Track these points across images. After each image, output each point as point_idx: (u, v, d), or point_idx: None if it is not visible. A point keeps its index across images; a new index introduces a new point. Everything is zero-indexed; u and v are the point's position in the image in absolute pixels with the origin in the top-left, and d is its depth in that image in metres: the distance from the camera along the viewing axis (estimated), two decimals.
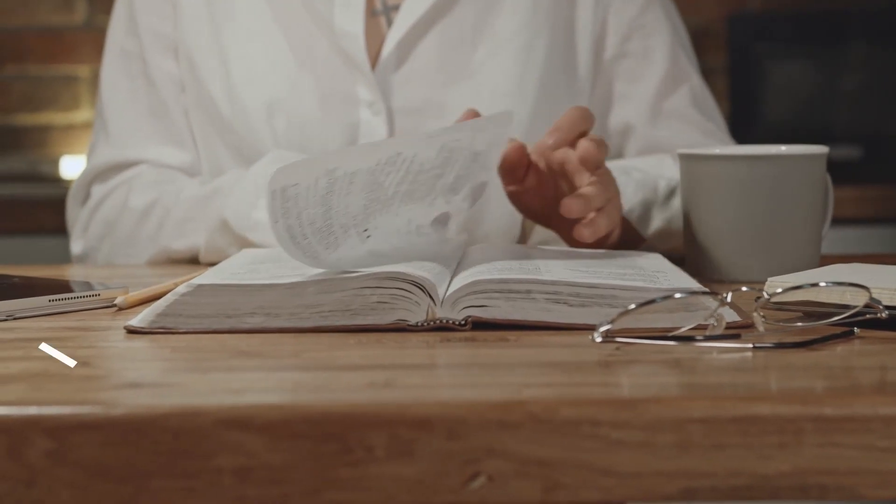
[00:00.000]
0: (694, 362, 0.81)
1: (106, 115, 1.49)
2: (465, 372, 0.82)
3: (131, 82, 1.48)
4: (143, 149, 1.47)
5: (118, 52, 1.49)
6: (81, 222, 1.48)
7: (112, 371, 0.79)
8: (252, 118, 1.42)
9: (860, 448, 0.70)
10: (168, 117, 1.47)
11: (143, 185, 1.43)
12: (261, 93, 1.42)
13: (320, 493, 0.70)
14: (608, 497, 0.71)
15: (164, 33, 1.47)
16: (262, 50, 1.43)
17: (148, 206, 1.41)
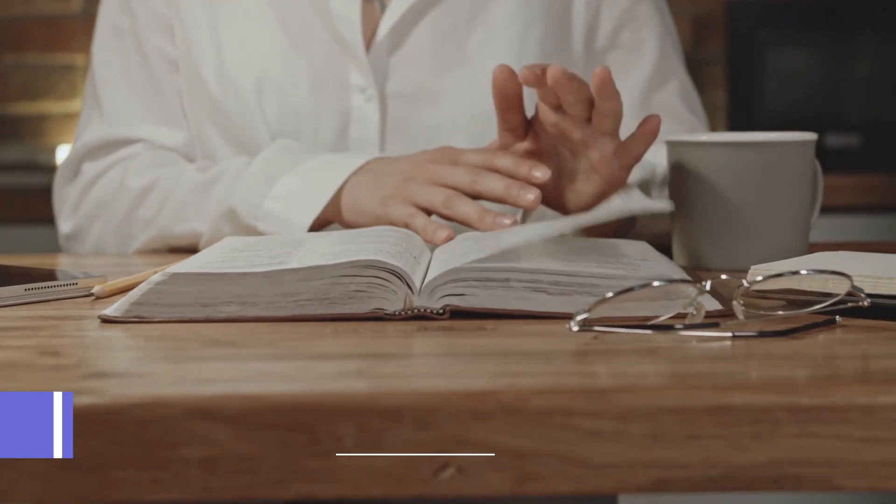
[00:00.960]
0: (671, 351, 0.80)
1: (99, 91, 1.46)
2: (439, 361, 0.81)
3: (125, 59, 1.45)
4: (137, 127, 1.44)
5: (111, 29, 1.47)
6: (72, 201, 1.45)
7: (82, 361, 0.78)
8: (243, 100, 1.41)
9: (837, 438, 0.69)
10: (162, 96, 1.45)
11: (141, 166, 1.41)
12: (253, 74, 1.41)
13: (288, 483, 0.69)
14: (581, 488, 0.70)
15: (158, 11, 1.45)
16: (256, 31, 1.42)
17: (146, 188, 1.39)
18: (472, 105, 1.42)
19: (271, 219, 1.27)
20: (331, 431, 0.69)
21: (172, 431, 0.68)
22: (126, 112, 1.44)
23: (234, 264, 0.94)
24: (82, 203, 1.44)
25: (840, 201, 2.45)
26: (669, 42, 1.50)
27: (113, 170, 1.43)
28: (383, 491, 0.69)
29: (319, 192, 1.24)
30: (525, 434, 0.69)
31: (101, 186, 1.43)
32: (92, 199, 1.43)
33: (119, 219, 1.40)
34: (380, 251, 0.95)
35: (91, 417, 0.69)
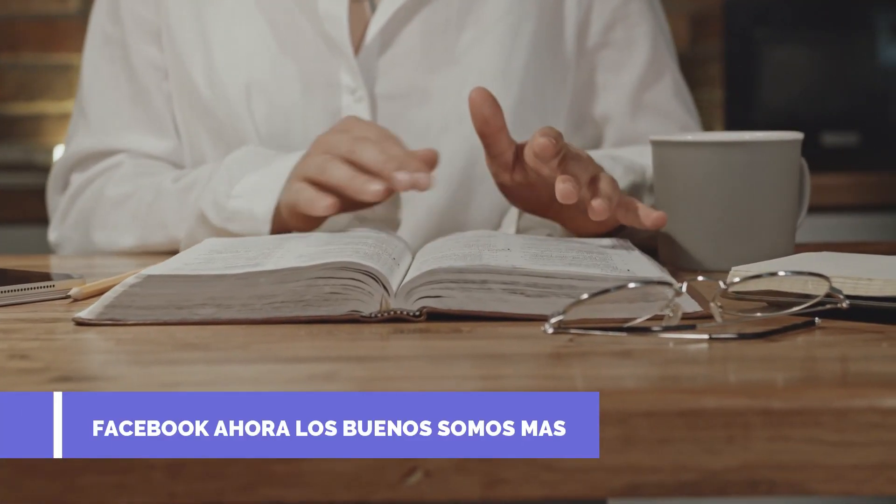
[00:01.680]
0: (646, 354, 0.79)
1: (85, 101, 1.47)
2: (411, 364, 0.80)
3: (112, 68, 1.46)
4: (122, 137, 1.45)
5: (100, 38, 1.47)
6: (60, 211, 1.47)
7: (50, 364, 0.77)
8: (232, 102, 1.40)
9: (809, 442, 0.68)
10: (149, 104, 1.45)
11: (121, 176, 1.42)
12: (242, 76, 1.40)
13: (255, 488, 0.68)
14: (551, 493, 0.69)
15: (146, 18, 1.45)
16: (244, 33, 1.42)
17: (123, 197, 1.40)
18: (462, 104, 1.41)
19: (238, 217, 1.26)
20: None
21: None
22: (111, 122, 1.45)
23: (211, 266, 0.94)
24: (69, 214, 1.46)
25: (838, 200, 2.44)
26: (662, 39, 1.49)
27: (97, 181, 1.45)
28: (351, 496, 0.68)
29: (274, 179, 1.24)
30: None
31: (84, 198, 1.45)
32: (76, 211, 1.45)
33: (98, 226, 1.41)
34: (356, 252, 0.94)
35: None
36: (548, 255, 0.98)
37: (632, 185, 1.27)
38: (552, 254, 0.99)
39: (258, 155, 1.31)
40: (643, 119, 1.47)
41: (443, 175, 1.41)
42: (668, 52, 1.50)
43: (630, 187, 1.27)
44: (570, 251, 1.01)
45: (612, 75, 1.47)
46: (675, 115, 1.48)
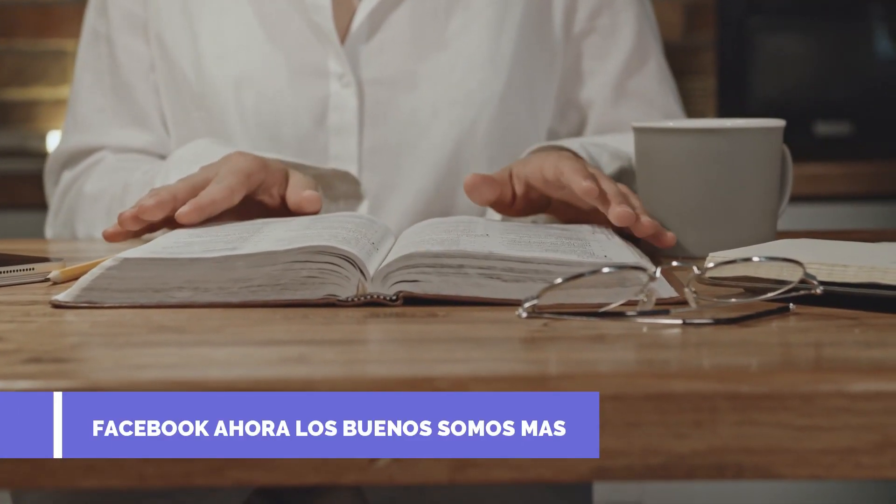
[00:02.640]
0: (619, 339, 0.79)
1: (74, 97, 1.51)
2: (384, 348, 0.80)
3: (97, 64, 1.48)
4: (105, 133, 1.47)
5: (90, 34, 1.50)
6: (53, 208, 1.50)
7: (22, 346, 0.77)
8: (221, 93, 1.41)
9: (777, 426, 0.68)
10: (131, 98, 1.46)
11: (99, 172, 1.45)
12: (230, 68, 1.41)
13: (223, 471, 0.68)
14: (519, 476, 0.69)
15: (132, 12, 1.46)
16: (232, 25, 1.42)
17: (98, 192, 1.43)
18: (450, 89, 1.41)
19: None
20: None
21: None
22: (95, 118, 1.48)
23: (189, 250, 0.94)
24: (59, 212, 1.49)
25: (831, 189, 2.44)
26: (647, 26, 1.50)
27: (80, 178, 1.47)
28: (319, 479, 0.69)
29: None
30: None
31: (70, 196, 1.48)
32: (65, 209, 1.48)
33: (81, 223, 1.44)
34: (335, 237, 0.94)
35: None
36: (526, 241, 0.98)
37: (619, 171, 1.27)
38: (531, 240, 0.99)
39: (196, 151, 1.32)
40: (626, 105, 1.47)
41: (431, 160, 1.41)
42: (652, 39, 1.50)
43: (618, 173, 1.27)
44: (549, 237, 1.01)
45: (597, 62, 1.47)
46: (658, 101, 1.49)
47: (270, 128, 1.40)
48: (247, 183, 1.15)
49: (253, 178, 1.17)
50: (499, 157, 1.42)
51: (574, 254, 0.93)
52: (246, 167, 1.16)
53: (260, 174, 1.18)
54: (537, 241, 0.99)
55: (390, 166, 1.41)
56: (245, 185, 1.15)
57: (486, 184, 1.16)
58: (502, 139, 1.43)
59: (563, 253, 0.93)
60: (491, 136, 1.42)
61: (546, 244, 0.97)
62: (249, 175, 1.16)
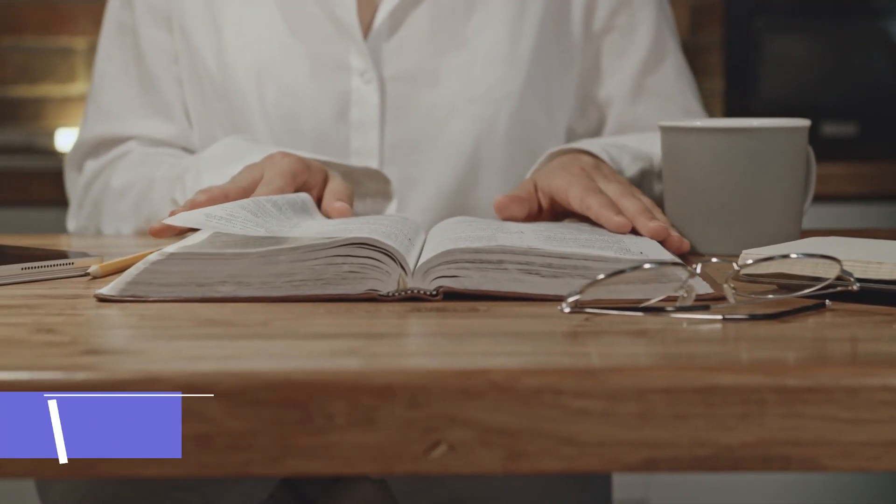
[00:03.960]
0: (661, 333, 0.80)
1: (97, 87, 1.51)
2: (432, 341, 0.81)
3: (123, 55, 1.49)
4: (131, 123, 1.48)
5: (114, 26, 1.51)
6: (76, 200, 1.51)
7: (77, 338, 0.79)
8: (242, 85, 1.42)
9: (823, 419, 0.70)
10: (157, 89, 1.47)
11: (125, 165, 1.46)
12: (251, 60, 1.42)
13: (281, 460, 0.70)
14: (570, 466, 0.71)
15: (157, 5, 1.48)
16: (254, 17, 1.44)
17: (125, 187, 1.44)
18: (469, 86, 1.43)
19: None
20: (323, 409, 0.69)
21: None
22: (120, 108, 1.48)
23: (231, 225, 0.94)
24: (84, 203, 1.49)
25: (836, 189, 2.46)
26: (665, 24, 1.51)
27: (106, 170, 1.48)
28: (375, 468, 0.70)
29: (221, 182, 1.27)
30: (515, 413, 0.70)
31: (95, 188, 1.48)
32: (90, 201, 1.48)
33: (107, 217, 1.45)
34: (374, 231, 0.96)
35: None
36: (561, 238, 0.99)
37: (641, 173, 1.29)
38: (565, 236, 1.01)
39: (228, 149, 1.33)
40: (644, 103, 1.49)
41: (450, 156, 1.43)
42: (671, 37, 1.52)
43: (639, 174, 1.28)
44: (583, 234, 1.03)
45: (615, 60, 1.49)
46: (677, 99, 1.50)
47: (291, 121, 1.41)
48: (293, 184, 1.18)
49: (297, 178, 1.19)
50: (517, 154, 1.44)
51: (610, 250, 0.95)
52: (291, 168, 1.19)
53: (303, 175, 1.20)
54: (572, 237, 1.00)
55: (410, 162, 1.43)
56: (291, 187, 1.18)
57: (514, 203, 1.18)
58: (521, 136, 1.44)
59: (599, 249, 0.94)
60: (510, 132, 1.44)
61: (581, 241, 0.98)
62: (295, 176, 1.18)
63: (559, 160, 1.24)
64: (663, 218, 1.11)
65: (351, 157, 1.42)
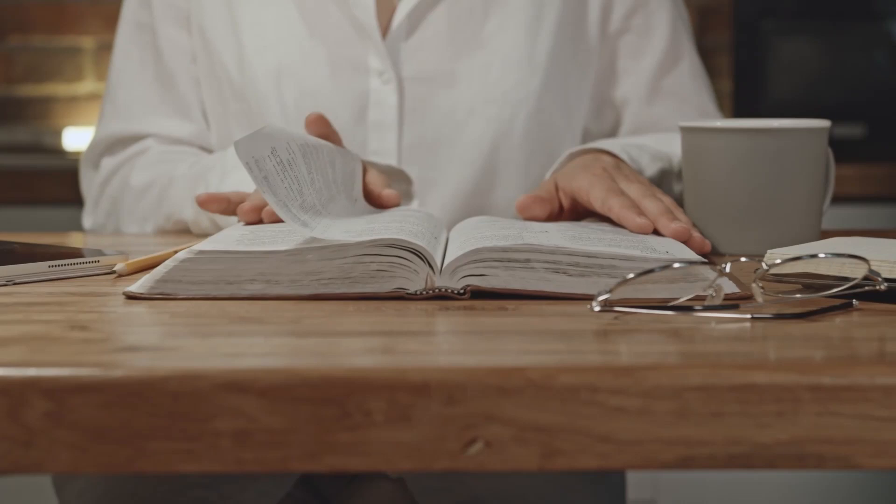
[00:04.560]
0: (692, 332, 0.81)
1: (114, 85, 1.51)
2: (464, 339, 0.82)
3: (141, 54, 1.49)
4: (149, 121, 1.48)
5: (132, 24, 1.51)
6: (93, 197, 1.51)
7: (111, 335, 0.79)
8: (261, 86, 1.43)
9: (858, 418, 0.70)
10: (175, 88, 1.48)
11: (144, 163, 1.46)
12: (271, 61, 1.43)
13: (319, 456, 0.70)
14: (606, 464, 0.71)
15: (176, 4, 1.48)
16: (273, 18, 1.44)
17: (146, 185, 1.44)
18: (487, 88, 1.43)
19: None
20: (361, 406, 0.70)
21: (205, 404, 0.69)
22: (138, 106, 1.49)
23: (258, 244, 0.95)
24: (100, 200, 1.49)
25: (844, 191, 2.46)
26: (681, 25, 1.52)
27: (124, 167, 1.48)
28: (412, 465, 0.70)
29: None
30: (551, 410, 0.70)
31: (113, 185, 1.48)
32: (107, 198, 1.49)
33: (125, 215, 1.46)
34: (402, 230, 0.96)
35: (124, 389, 0.69)
36: (586, 237, 1.00)
37: (660, 172, 1.29)
38: (590, 236, 1.01)
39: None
40: (660, 104, 1.49)
41: (468, 157, 1.44)
42: (686, 38, 1.53)
43: (658, 174, 1.29)
44: (607, 233, 1.03)
45: (632, 61, 1.50)
46: (693, 100, 1.51)
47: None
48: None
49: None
50: (535, 155, 1.44)
51: (636, 249, 0.95)
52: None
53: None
54: (596, 237, 1.00)
55: (428, 163, 1.43)
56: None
57: (537, 203, 1.19)
58: (538, 137, 1.45)
59: (625, 248, 0.95)
60: (527, 134, 1.44)
61: (606, 240, 0.99)
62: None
63: (580, 160, 1.25)
64: (685, 218, 1.12)
65: (369, 157, 1.42)
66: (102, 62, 2.93)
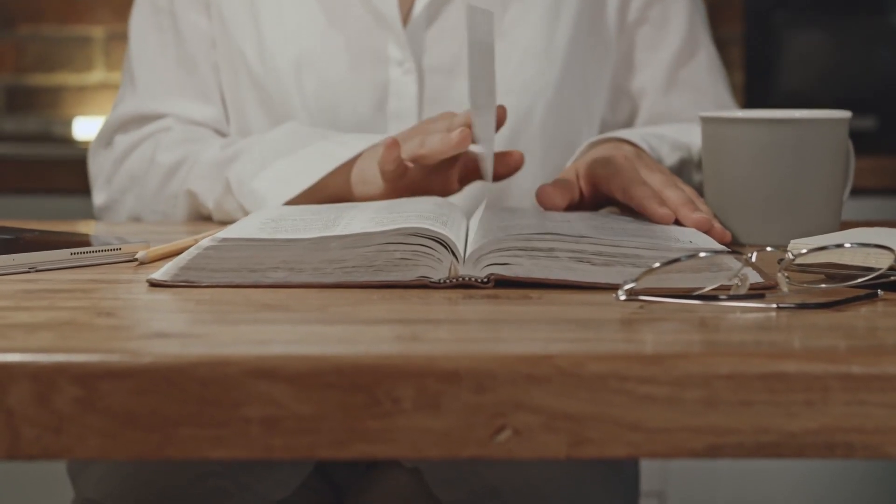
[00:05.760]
0: (718, 321, 0.81)
1: (134, 67, 1.49)
2: (491, 327, 0.82)
3: (160, 35, 1.48)
4: (169, 102, 1.47)
5: (148, 6, 1.49)
6: (105, 173, 1.48)
7: (138, 322, 0.79)
8: (282, 76, 1.42)
9: (887, 407, 0.70)
10: (196, 71, 1.47)
11: (171, 141, 1.43)
12: (291, 50, 1.42)
13: (348, 444, 0.70)
14: (635, 452, 0.71)
15: None
16: (293, 8, 1.44)
17: (175, 164, 1.41)
18: (506, 78, 1.43)
19: (252, 198, 1.29)
20: (389, 393, 0.70)
21: (234, 390, 0.69)
22: (158, 87, 1.47)
23: (281, 231, 0.95)
24: (115, 176, 1.46)
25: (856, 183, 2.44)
26: (698, 16, 1.52)
27: (144, 144, 1.45)
28: (440, 452, 0.70)
29: (303, 177, 1.27)
30: (580, 398, 0.70)
31: (132, 161, 1.45)
32: (124, 173, 1.46)
33: (150, 193, 1.43)
34: (424, 219, 0.96)
35: (153, 375, 0.69)
36: (608, 227, 1.00)
37: (680, 162, 1.29)
38: (612, 226, 1.01)
39: (296, 136, 1.33)
40: (677, 95, 1.49)
41: None
42: (703, 30, 1.52)
43: (678, 164, 1.29)
44: (629, 224, 1.03)
45: (649, 51, 1.49)
46: (710, 91, 1.51)
47: (329, 112, 1.41)
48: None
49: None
50: (553, 146, 1.44)
51: (659, 239, 0.95)
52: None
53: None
54: (619, 227, 1.00)
55: None
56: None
57: (557, 191, 1.19)
58: (557, 127, 1.45)
59: (649, 238, 0.95)
60: (545, 124, 1.44)
61: (629, 230, 0.99)
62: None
63: (600, 148, 1.25)
64: (706, 209, 1.12)
65: None
66: (113, 52, 2.92)
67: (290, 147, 1.31)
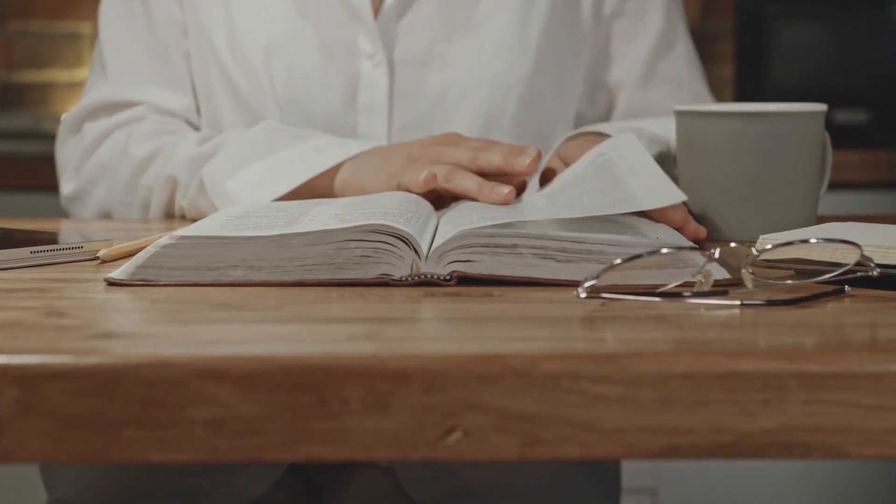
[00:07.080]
0: (679, 318, 0.79)
1: (104, 53, 1.45)
2: (447, 326, 0.80)
3: (132, 22, 1.45)
4: (140, 90, 1.43)
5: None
6: (74, 162, 1.44)
7: (88, 322, 0.78)
8: (252, 66, 1.40)
9: (846, 406, 0.69)
10: (168, 59, 1.45)
11: (145, 133, 1.40)
12: (262, 40, 1.41)
13: (295, 445, 0.69)
14: (588, 453, 0.70)
15: None
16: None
17: (149, 156, 1.38)
18: (479, 71, 1.42)
19: (225, 199, 1.27)
20: (338, 394, 0.68)
21: (179, 392, 0.68)
22: (130, 75, 1.44)
23: (243, 228, 0.94)
24: (84, 166, 1.43)
25: (848, 177, 2.44)
26: (675, 9, 1.50)
27: (116, 133, 1.42)
28: (390, 454, 0.69)
29: (279, 184, 1.25)
30: (532, 398, 0.69)
31: (104, 150, 1.42)
32: (94, 163, 1.42)
33: (122, 185, 1.40)
34: (387, 216, 0.94)
35: (97, 377, 0.68)
36: (575, 221, 0.98)
37: (658, 156, 1.27)
38: (579, 219, 0.99)
39: (274, 137, 1.31)
40: (655, 88, 1.48)
41: None
42: (681, 23, 1.51)
43: (656, 158, 1.27)
44: (596, 217, 1.02)
45: (626, 44, 1.48)
46: (687, 84, 1.49)
47: (299, 103, 1.40)
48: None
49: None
50: (526, 139, 1.43)
51: (626, 234, 0.94)
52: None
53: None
54: (585, 221, 0.99)
55: None
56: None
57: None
58: (530, 121, 1.43)
59: (615, 233, 0.93)
60: (519, 117, 1.43)
61: (596, 225, 0.97)
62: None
63: (577, 142, 1.23)
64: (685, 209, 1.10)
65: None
66: None
67: (268, 149, 1.29)
